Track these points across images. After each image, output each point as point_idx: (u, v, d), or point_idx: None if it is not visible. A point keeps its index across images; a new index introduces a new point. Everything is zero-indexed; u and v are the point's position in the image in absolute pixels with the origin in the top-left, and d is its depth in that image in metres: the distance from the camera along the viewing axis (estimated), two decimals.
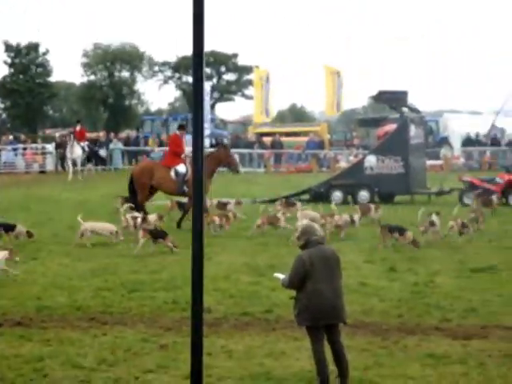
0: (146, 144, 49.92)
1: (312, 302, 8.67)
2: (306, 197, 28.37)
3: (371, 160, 28.57)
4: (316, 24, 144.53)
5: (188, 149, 21.91)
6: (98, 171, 43.89)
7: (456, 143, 51.76)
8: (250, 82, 73.39)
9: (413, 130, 28.64)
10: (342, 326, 8.96)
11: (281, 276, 9.20)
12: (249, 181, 38.24)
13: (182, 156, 21.88)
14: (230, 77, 79.85)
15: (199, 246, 5.30)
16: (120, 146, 47.81)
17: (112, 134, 50.17)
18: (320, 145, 49.37)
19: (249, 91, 75.16)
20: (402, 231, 17.60)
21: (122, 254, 17.11)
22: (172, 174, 21.59)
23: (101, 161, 46.08)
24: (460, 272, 14.91)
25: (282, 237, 18.79)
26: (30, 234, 18.47)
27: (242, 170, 44.60)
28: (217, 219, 19.75)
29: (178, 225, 20.95)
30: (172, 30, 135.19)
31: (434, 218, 18.37)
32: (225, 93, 79.93)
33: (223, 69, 79.01)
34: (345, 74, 49.77)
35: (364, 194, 27.94)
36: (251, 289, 13.63)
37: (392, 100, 30.21)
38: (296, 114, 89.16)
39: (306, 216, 18.64)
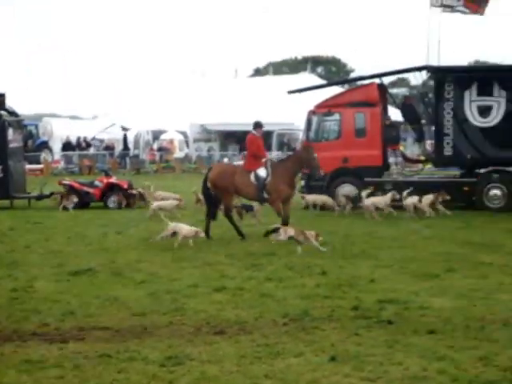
0: None
1: None
2: None
3: None
4: None
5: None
6: None
7: (56, 147, 52.10)
8: None
9: (11, 133, 28.43)
10: None
11: None
12: None
13: (264, 160, 19.69)
14: None
15: None
16: None
17: None
18: None
19: None
20: None
21: None
22: (252, 178, 19.40)
23: None
24: (59, 275, 14.99)
25: None
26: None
27: None
28: None
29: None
30: None
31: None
32: None
33: None
34: None
35: None
36: None
37: None
38: None
39: None
